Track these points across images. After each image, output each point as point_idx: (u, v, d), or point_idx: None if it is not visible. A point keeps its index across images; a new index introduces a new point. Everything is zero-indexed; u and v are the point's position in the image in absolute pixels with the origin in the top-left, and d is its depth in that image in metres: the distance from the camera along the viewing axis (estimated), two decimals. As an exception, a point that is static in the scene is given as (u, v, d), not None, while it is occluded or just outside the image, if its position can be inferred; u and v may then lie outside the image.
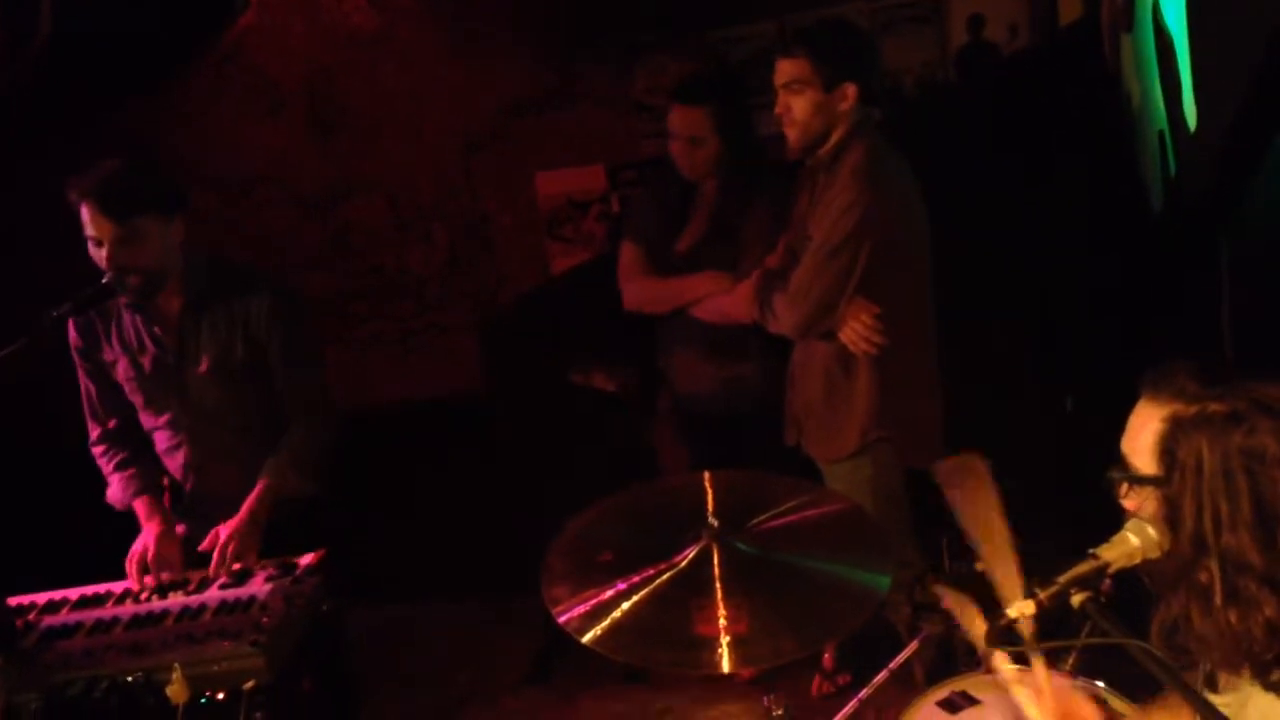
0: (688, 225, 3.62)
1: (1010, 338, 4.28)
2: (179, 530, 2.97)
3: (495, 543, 3.89)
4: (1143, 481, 1.71)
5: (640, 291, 3.63)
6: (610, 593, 2.05)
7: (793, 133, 3.10)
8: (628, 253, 3.67)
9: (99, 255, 2.79)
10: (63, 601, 2.78)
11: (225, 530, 2.84)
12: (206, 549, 2.82)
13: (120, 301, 2.94)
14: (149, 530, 2.92)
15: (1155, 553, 1.71)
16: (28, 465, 4.15)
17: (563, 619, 2.03)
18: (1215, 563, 1.62)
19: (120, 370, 3.01)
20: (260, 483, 2.92)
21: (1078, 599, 1.67)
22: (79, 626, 2.63)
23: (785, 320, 3.17)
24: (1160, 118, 3.21)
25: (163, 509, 2.99)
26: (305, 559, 2.81)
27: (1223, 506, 1.60)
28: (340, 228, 5.13)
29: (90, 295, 2.82)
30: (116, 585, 2.83)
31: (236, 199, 5.08)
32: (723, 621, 1.98)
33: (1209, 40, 2.62)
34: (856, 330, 3.06)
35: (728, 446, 3.48)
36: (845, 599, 2.05)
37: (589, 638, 1.99)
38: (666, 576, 2.08)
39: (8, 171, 4.27)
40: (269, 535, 2.89)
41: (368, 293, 5.22)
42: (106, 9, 4.17)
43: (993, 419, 3.96)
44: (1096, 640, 1.70)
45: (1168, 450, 1.66)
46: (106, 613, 2.68)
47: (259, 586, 2.70)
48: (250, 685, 2.37)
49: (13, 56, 4.03)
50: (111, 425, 3.09)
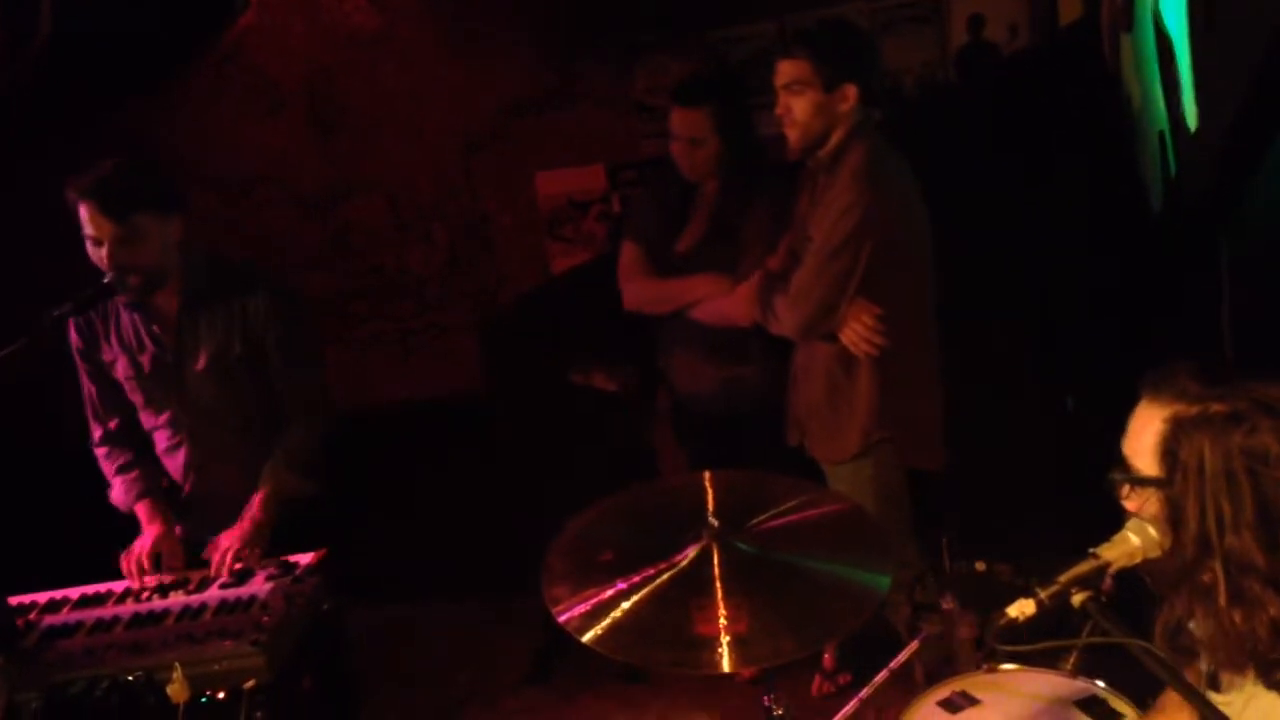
0: (688, 225, 3.62)
1: (1010, 338, 4.28)
2: (178, 531, 2.97)
3: (495, 543, 3.89)
4: (1145, 483, 1.71)
5: (640, 292, 3.63)
6: (610, 592, 2.05)
7: (793, 134, 3.10)
8: (628, 253, 3.67)
9: (98, 255, 2.79)
10: (63, 601, 2.78)
11: (226, 539, 2.84)
12: (209, 559, 2.83)
13: (119, 301, 2.94)
14: (150, 532, 2.93)
15: (1156, 552, 1.71)
16: (28, 465, 4.14)
17: (563, 619, 2.03)
18: (1219, 564, 1.62)
19: (120, 369, 3.01)
20: (260, 489, 2.92)
21: (1078, 598, 1.67)
22: (80, 626, 2.64)
23: (787, 322, 3.17)
24: (1160, 118, 3.21)
25: (164, 511, 3.00)
26: (305, 559, 2.81)
27: (1225, 507, 1.61)
28: (340, 228, 5.12)
29: (90, 295, 2.82)
30: (117, 585, 2.84)
31: (236, 199, 5.07)
32: (723, 621, 1.98)
33: (1209, 40, 2.62)
34: (858, 331, 3.06)
35: (728, 446, 3.48)
36: (845, 599, 2.05)
37: (589, 637, 1.98)
38: (666, 576, 2.08)
39: (8, 171, 4.27)
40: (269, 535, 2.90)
41: (368, 293, 5.21)
42: (106, 9, 4.16)
43: (993, 419, 3.97)
44: (1098, 640, 1.70)
45: (1169, 451, 1.66)
46: (107, 612, 2.69)
47: (259, 586, 2.70)
48: (250, 684, 2.37)
49: (13, 56, 4.03)
50: (113, 426, 3.09)
